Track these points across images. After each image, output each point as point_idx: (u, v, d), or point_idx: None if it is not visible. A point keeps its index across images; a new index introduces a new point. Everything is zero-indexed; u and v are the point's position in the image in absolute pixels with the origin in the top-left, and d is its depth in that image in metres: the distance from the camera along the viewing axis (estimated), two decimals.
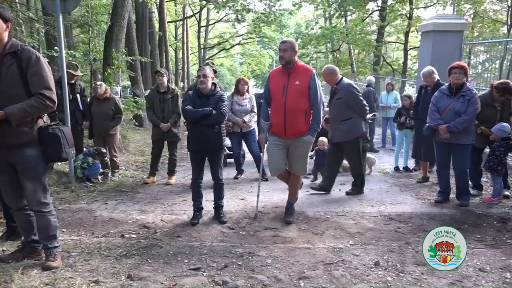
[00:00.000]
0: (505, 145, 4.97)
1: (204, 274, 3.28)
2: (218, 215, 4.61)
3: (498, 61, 10.22)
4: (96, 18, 9.43)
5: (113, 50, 8.94)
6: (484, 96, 5.33)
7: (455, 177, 5.16)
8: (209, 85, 4.42)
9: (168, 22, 22.47)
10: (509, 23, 19.91)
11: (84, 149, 6.62)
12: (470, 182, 5.53)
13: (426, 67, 6.04)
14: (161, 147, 6.39)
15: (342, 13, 22.71)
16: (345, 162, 7.22)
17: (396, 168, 7.25)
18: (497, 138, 5.03)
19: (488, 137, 5.18)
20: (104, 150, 6.39)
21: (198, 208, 4.62)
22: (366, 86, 10.37)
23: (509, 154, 5.21)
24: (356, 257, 3.62)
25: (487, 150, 5.49)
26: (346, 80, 5.56)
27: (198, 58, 30.21)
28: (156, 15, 18.64)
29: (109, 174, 6.56)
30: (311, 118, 4.38)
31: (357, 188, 5.72)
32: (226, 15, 29.34)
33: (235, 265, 3.44)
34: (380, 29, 21.26)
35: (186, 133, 4.83)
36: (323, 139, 6.54)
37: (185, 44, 26.46)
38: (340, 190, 5.95)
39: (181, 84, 25.74)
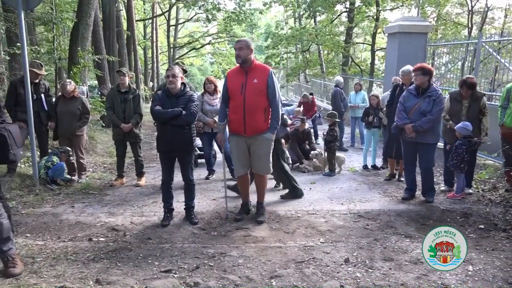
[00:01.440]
0: (467, 143, 5.17)
1: (175, 276, 3.24)
2: (189, 216, 4.57)
3: (460, 62, 10.62)
4: (61, 15, 9.09)
5: (79, 48, 8.69)
6: (454, 92, 5.54)
7: (420, 175, 5.33)
8: (179, 85, 4.38)
9: (136, 20, 22.09)
10: (469, 26, 20.77)
11: (49, 150, 6.40)
12: (442, 178, 5.78)
13: (405, 66, 6.09)
14: (124, 148, 6.26)
15: (311, 14, 23.00)
16: (314, 160, 7.35)
17: (365, 167, 7.41)
18: (459, 136, 5.22)
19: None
20: (69, 149, 6.21)
21: (168, 209, 4.57)
22: (334, 86, 10.57)
23: (478, 152, 5.40)
24: (327, 255, 3.67)
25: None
26: None
27: (168, 58, 29.83)
28: (124, 13, 18.27)
29: (76, 177, 6.37)
30: (270, 116, 4.40)
31: (290, 193, 5.53)
32: (196, 14, 29.13)
33: (206, 266, 3.42)
34: (348, 30, 21.67)
35: (156, 133, 4.76)
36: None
37: (154, 43, 26.10)
38: (310, 189, 6.02)
39: (151, 84, 25.36)
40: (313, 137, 8.55)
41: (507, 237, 4.04)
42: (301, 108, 10.56)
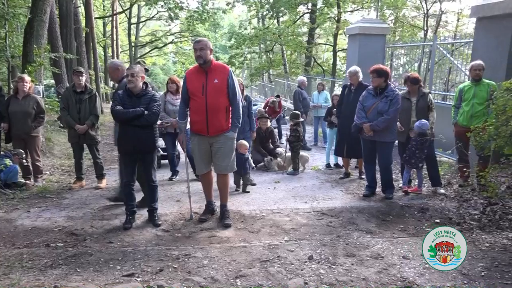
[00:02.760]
0: (419, 141, 5.38)
1: (138, 279, 3.17)
2: (152, 218, 4.49)
3: (416, 64, 11.05)
4: (13, 11, 8.66)
5: (34, 46, 8.31)
6: (403, 92, 5.75)
7: (380, 172, 5.50)
8: (139, 84, 4.28)
9: (95, 18, 21.41)
10: (425, 28, 21.65)
11: (2, 152, 6.08)
12: (400, 175, 6.02)
13: (352, 67, 6.36)
14: (80, 150, 6.04)
15: (274, 14, 23.17)
16: (279, 159, 7.41)
17: (328, 165, 7.55)
18: (414, 134, 5.43)
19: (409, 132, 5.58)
20: (22, 151, 5.93)
21: (130, 211, 4.46)
22: (297, 86, 10.69)
23: (434, 149, 5.62)
24: (291, 253, 3.71)
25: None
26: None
27: (129, 57, 29.16)
28: (82, 10, 17.67)
29: (32, 180, 6.09)
30: (231, 115, 4.42)
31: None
32: (158, 13, 28.61)
33: (170, 268, 3.37)
34: (310, 31, 22.02)
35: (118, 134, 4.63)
36: (243, 142, 5.88)
37: (114, 42, 25.39)
38: (275, 188, 6.07)
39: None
40: (276, 137, 8.62)
41: (460, 230, 4.22)
42: (264, 108, 10.56)
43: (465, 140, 5.44)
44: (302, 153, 7.34)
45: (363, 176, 6.44)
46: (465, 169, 5.63)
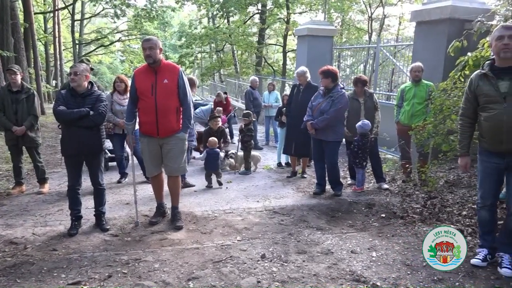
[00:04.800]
0: (361, 141, 5.61)
1: (85, 287, 3.04)
2: (100, 223, 4.32)
3: (362, 65, 11.49)
4: None
5: None
6: (351, 93, 5.97)
7: (327, 170, 5.66)
8: (83, 83, 4.10)
9: (35, 13, 20.22)
10: (370, 31, 22.57)
11: None
12: (348, 172, 6.23)
13: (300, 67, 6.51)
14: (19, 153, 5.67)
15: (225, 14, 23.14)
16: (231, 160, 7.41)
17: (279, 164, 7.65)
18: (356, 134, 5.64)
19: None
20: None
21: (76, 217, 4.26)
22: (249, 86, 10.76)
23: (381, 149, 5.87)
24: (244, 252, 3.72)
25: None
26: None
27: (73, 55, 27.84)
28: (20, 4, 16.61)
29: None
30: (182, 116, 4.35)
31: None
32: (103, 9, 27.58)
33: (120, 274, 3.27)
34: (261, 32, 22.23)
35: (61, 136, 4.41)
36: (214, 139, 6.45)
37: (56, 39, 24.11)
38: (227, 188, 6.06)
39: (54, 83, 23.46)
40: (228, 136, 8.61)
41: (404, 223, 4.47)
42: (220, 108, 10.54)
43: (407, 138, 5.74)
44: (253, 152, 7.39)
45: (305, 176, 6.62)
46: (407, 166, 5.93)
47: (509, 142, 3.13)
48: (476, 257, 3.42)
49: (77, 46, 28.42)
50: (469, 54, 4.23)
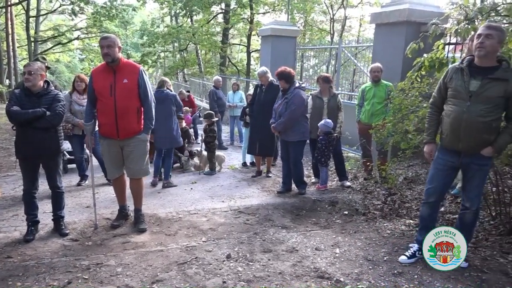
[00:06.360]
0: (326, 139, 5.72)
1: None
2: (59, 227, 4.15)
3: (324, 65, 11.72)
4: None
5: None
6: (315, 91, 6.08)
7: (291, 169, 5.73)
8: (38, 82, 3.92)
9: None
10: (332, 32, 23.04)
11: None
12: (312, 171, 6.31)
13: (261, 68, 6.59)
14: None
15: (188, 13, 22.90)
16: (196, 160, 7.34)
17: (244, 164, 7.66)
18: (321, 133, 5.74)
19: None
20: None
21: (32, 222, 4.07)
22: (213, 86, 10.71)
23: (331, 147, 5.97)
24: (209, 253, 3.70)
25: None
26: None
27: (28, 52, 26.58)
28: None
29: None
30: (143, 116, 4.25)
31: None
32: (60, 6, 26.50)
33: (80, 280, 3.16)
34: (224, 31, 22.15)
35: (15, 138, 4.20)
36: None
37: (9, 36, 22.95)
38: (192, 189, 6.00)
39: (7, 82, 22.33)
40: (192, 136, 8.54)
41: (366, 220, 4.59)
42: (187, 108, 10.42)
43: (368, 136, 5.89)
44: (218, 152, 7.36)
45: (270, 175, 6.67)
46: (368, 163, 6.10)
47: (466, 141, 3.15)
48: (404, 253, 3.51)
49: (33, 43, 27.15)
50: (425, 55, 4.39)
